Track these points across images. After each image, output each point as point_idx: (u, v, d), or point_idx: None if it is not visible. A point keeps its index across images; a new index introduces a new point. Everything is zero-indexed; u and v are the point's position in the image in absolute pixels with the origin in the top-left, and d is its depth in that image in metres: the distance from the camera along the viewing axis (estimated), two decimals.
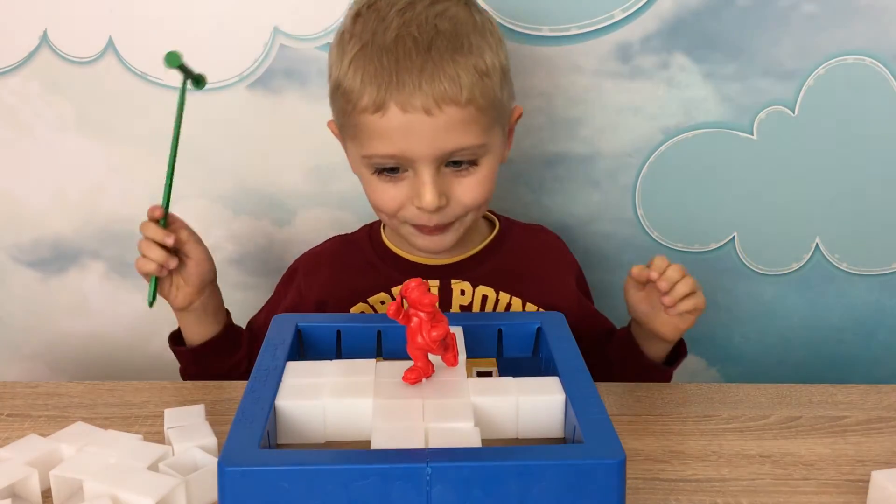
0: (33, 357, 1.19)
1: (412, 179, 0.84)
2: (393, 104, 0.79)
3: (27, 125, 1.09)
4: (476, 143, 0.82)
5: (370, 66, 0.80)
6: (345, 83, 0.82)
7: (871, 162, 1.12)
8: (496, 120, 0.85)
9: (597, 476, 0.53)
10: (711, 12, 1.05)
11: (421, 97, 0.79)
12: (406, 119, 0.80)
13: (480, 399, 0.62)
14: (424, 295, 0.62)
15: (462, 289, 0.93)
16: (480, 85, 0.81)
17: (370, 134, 0.82)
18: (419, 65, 0.79)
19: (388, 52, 0.80)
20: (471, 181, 0.85)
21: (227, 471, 0.52)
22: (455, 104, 0.80)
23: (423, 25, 0.81)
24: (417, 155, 0.81)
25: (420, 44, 0.80)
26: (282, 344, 0.70)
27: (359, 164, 0.87)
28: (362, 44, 0.81)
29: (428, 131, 0.80)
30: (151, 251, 0.87)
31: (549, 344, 0.70)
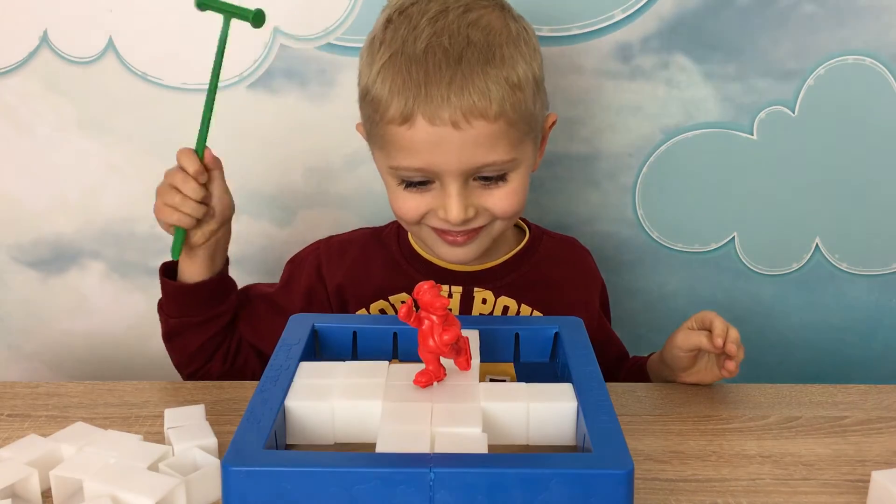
0: (33, 357, 1.19)
1: (439, 191, 0.82)
2: (420, 116, 0.78)
3: (27, 125, 1.09)
4: (505, 159, 0.80)
5: (399, 76, 0.78)
6: (373, 91, 0.81)
7: (871, 162, 1.12)
8: (527, 133, 0.83)
9: (604, 486, 0.52)
10: (711, 12, 1.05)
11: (449, 110, 0.77)
12: (433, 132, 0.78)
13: (491, 404, 0.62)
14: (436, 298, 0.62)
15: (484, 297, 0.92)
16: (511, 98, 0.79)
17: (397, 146, 0.80)
18: (448, 77, 0.77)
19: (417, 62, 0.78)
20: (500, 193, 0.83)
21: (231, 470, 0.52)
22: (484, 118, 0.78)
23: (454, 35, 0.78)
24: (444, 169, 0.80)
25: (450, 55, 0.77)
26: (297, 343, 0.70)
27: (385, 173, 0.85)
28: (392, 52, 0.79)
29: (455, 145, 0.78)
30: (188, 206, 0.84)
31: (565, 350, 0.70)
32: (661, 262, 1.16)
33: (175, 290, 0.90)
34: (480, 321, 0.79)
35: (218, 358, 0.93)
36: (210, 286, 0.90)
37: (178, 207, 0.84)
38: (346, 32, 1.05)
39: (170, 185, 0.85)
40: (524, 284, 0.93)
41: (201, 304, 0.91)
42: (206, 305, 0.91)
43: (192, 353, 0.92)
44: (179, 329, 0.92)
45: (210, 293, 0.91)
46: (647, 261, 1.16)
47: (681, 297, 1.17)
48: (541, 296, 0.92)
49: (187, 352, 0.93)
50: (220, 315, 0.92)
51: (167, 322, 0.92)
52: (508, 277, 0.93)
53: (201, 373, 0.94)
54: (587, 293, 0.98)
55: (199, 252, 0.89)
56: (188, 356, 0.93)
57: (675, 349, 0.85)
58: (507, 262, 0.94)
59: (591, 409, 0.60)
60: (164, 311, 0.92)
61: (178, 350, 0.93)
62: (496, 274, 0.93)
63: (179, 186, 0.84)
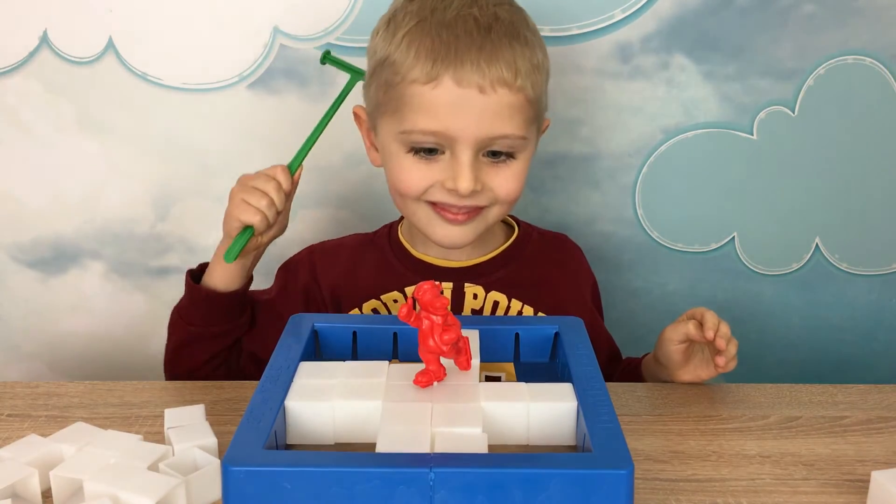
0: (33, 357, 1.19)
1: (447, 162, 0.82)
2: (448, 77, 0.79)
3: (27, 125, 1.09)
4: (519, 134, 0.82)
5: (426, 39, 0.80)
6: (395, 55, 0.81)
7: (871, 162, 1.12)
8: (536, 118, 0.85)
9: (604, 486, 0.52)
10: (711, 12, 1.05)
11: (478, 74, 0.78)
12: (459, 94, 0.79)
13: (491, 404, 0.62)
14: (437, 298, 0.62)
15: (475, 292, 0.92)
16: (533, 76, 0.81)
17: (416, 107, 0.81)
18: (479, 43, 0.79)
19: (447, 27, 0.80)
20: (507, 173, 0.84)
21: (231, 470, 0.52)
22: (508, 88, 0.79)
23: (483, 9, 0.81)
24: (461, 134, 0.80)
25: (481, 24, 0.80)
26: (297, 343, 0.70)
27: (391, 141, 0.84)
28: (419, 19, 0.81)
29: (477, 110, 0.79)
30: (270, 208, 0.85)
31: (565, 350, 0.70)
32: (661, 262, 1.16)
33: (203, 296, 0.89)
34: (480, 321, 0.79)
35: (221, 371, 0.93)
36: (235, 298, 0.90)
37: (263, 209, 0.85)
38: (346, 32, 1.05)
39: (254, 187, 0.86)
40: (515, 279, 0.93)
41: (223, 315, 0.91)
42: (228, 317, 0.91)
43: (200, 365, 0.91)
44: (196, 338, 0.91)
45: (234, 305, 0.91)
46: (647, 261, 1.16)
47: (681, 297, 1.17)
48: (531, 291, 0.93)
49: (196, 362, 0.91)
50: (236, 329, 0.92)
51: (185, 329, 0.91)
52: (499, 272, 0.93)
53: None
54: (578, 289, 0.98)
55: (240, 263, 0.89)
56: (195, 367, 0.91)
57: (666, 342, 0.86)
58: (497, 257, 0.94)
59: (591, 409, 0.60)
60: (185, 318, 0.91)
61: (186, 359, 0.92)
62: (487, 269, 0.93)
63: (271, 193, 0.86)
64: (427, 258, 0.93)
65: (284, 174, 0.87)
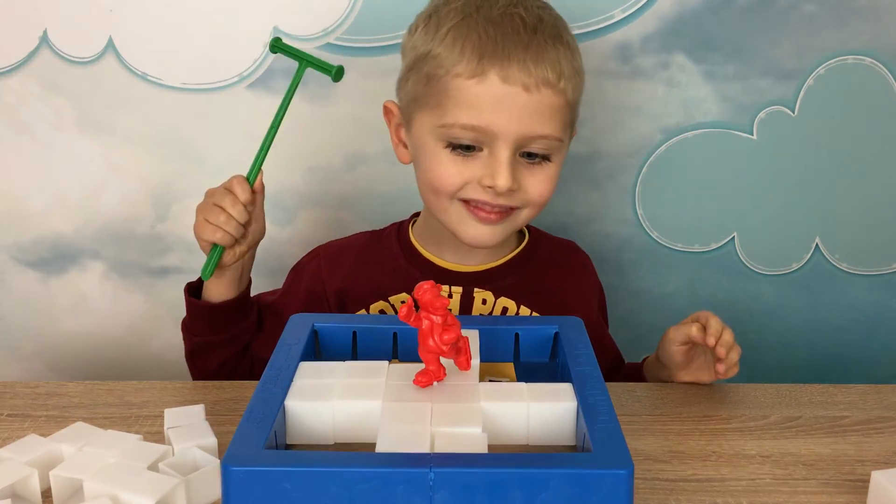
0: (33, 357, 1.19)
1: (485, 159, 0.82)
2: (494, 73, 0.79)
3: (27, 125, 1.09)
4: (556, 135, 0.82)
5: (473, 34, 0.80)
6: (438, 49, 0.81)
7: (871, 162, 1.12)
8: (572, 123, 0.86)
9: (603, 486, 0.52)
10: (711, 12, 1.05)
11: (524, 73, 0.78)
12: (503, 91, 0.79)
13: (491, 404, 0.62)
14: (437, 298, 0.62)
15: (484, 298, 0.92)
16: (574, 80, 0.82)
17: (459, 101, 0.80)
18: (525, 41, 0.79)
19: (494, 24, 0.80)
20: (541, 175, 0.84)
21: (231, 470, 0.52)
22: (552, 89, 0.80)
23: (528, 10, 0.82)
24: (502, 131, 0.80)
25: (527, 24, 0.80)
26: (296, 343, 0.70)
27: (428, 135, 0.83)
28: (464, 15, 0.81)
29: (520, 108, 0.79)
30: (231, 225, 0.85)
31: (565, 350, 0.70)
32: (661, 262, 1.16)
33: (200, 309, 0.91)
34: (480, 321, 0.79)
35: (236, 376, 0.93)
36: (233, 306, 0.91)
37: (222, 226, 0.85)
38: (346, 32, 1.05)
39: (214, 204, 0.86)
40: (524, 286, 0.93)
41: (224, 324, 0.92)
42: (229, 324, 0.92)
43: (213, 371, 0.93)
44: (202, 348, 0.92)
45: (233, 312, 0.91)
46: (647, 261, 1.16)
47: (681, 297, 1.17)
48: (540, 298, 0.92)
49: (208, 370, 0.93)
50: (242, 334, 0.93)
51: (191, 340, 0.93)
52: (509, 279, 0.93)
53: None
54: (586, 297, 0.98)
55: (227, 273, 0.89)
56: (208, 374, 0.93)
57: (668, 342, 0.86)
58: (507, 263, 0.94)
59: (591, 409, 0.60)
60: (189, 329, 0.93)
61: (199, 368, 0.94)
62: (496, 275, 0.93)
63: (227, 208, 0.85)
64: (438, 261, 0.93)
65: (241, 185, 0.86)
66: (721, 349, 0.82)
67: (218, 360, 0.93)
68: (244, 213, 0.86)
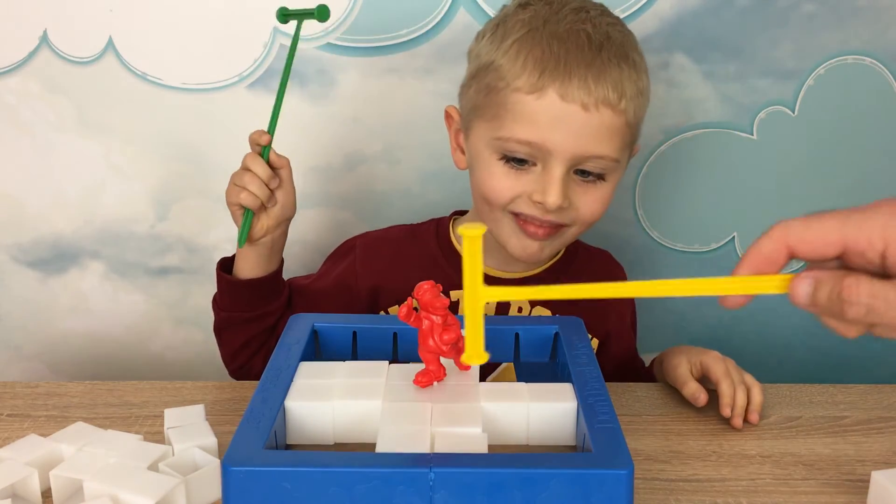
0: (33, 357, 1.19)
1: (538, 175, 0.81)
2: (553, 90, 0.78)
3: (27, 125, 1.09)
4: (613, 156, 0.81)
5: (536, 49, 0.79)
6: (501, 61, 0.81)
7: (871, 162, 1.12)
8: (630, 144, 0.85)
9: (604, 486, 0.52)
10: (711, 12, 1.05)
11: (584, 91, 0.78)
12: (562, 108, 0.78)
13: (491, 405, 0.62)
14: (437, 298, 0.62)
15: (520, 307, 0.92)
16: (636, 101, 0.81)
17: (517, 115, 0.80)
18: (588, 59, 0.78)
19: (559, 40, 0.79)
20: (595, 195, 0.83)
21: (231, 470, 0.52)
22: (612, 109, 0.79)
23: (597, 27, 0.81)
24: (558, 148, 0.79)
25: (593, 41, 0.79)
26: (296, 343, 0.70)
27: (484, 146, 0.83)
28: (530, 28, 0.80)
29: (577, 127, 0.79)
30: (257, 186, 0.85)
31: (565, 350, 0.70)
32: (661, 262, 1.16)
33: (229, 284, 0.91)
34: None
35: (261, 356, 0.94)
36: (262, 284, 0.91)
37: (246, 185, 0.86)
38: (346, 32, 1.05)
39: (243, 168, 0.87)
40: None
41: (252, 301, 0.92)
42: (257, 303, 0.92)
43: (237, 348, 0.93)
44: (228, 323, 0.93)
45: (262, 291, 0.92)
46: (647, 261, 1.16)
47: (681, 297, 1.17)
48: (576, 308, 0.92)
49: (233, 346, 0.94)
50: (268, 314, 0.93)
51: (218, 314, 0.94)
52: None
53: (245, 368, 0.95)
54: (621, 308, 0.98)
55: (257, 248, 0.90)
56: (233, 351, 0.94)
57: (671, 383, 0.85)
58: (545, 271, 0.94)
59: (591, 409, 0.60)
60: (217, 304, 0.94)
61: (225, 344, 0.95)
62: (534, 283, 0.92)
63: (249, 165, 0.86)
64: None
65: (257, 164, 0.86)
66: (738, 419, 0.78)
67: (243, 337, 0.93)
68: (267, 169, 0.86)
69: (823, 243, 0.50)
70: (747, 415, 0.78)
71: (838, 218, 0.49)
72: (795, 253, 0.51)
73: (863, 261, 0.49)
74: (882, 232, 0.47)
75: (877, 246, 0.48)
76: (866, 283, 0.48)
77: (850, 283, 0.48)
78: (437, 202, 1.11)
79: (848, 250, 0.49)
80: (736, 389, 0.79)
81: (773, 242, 0.51)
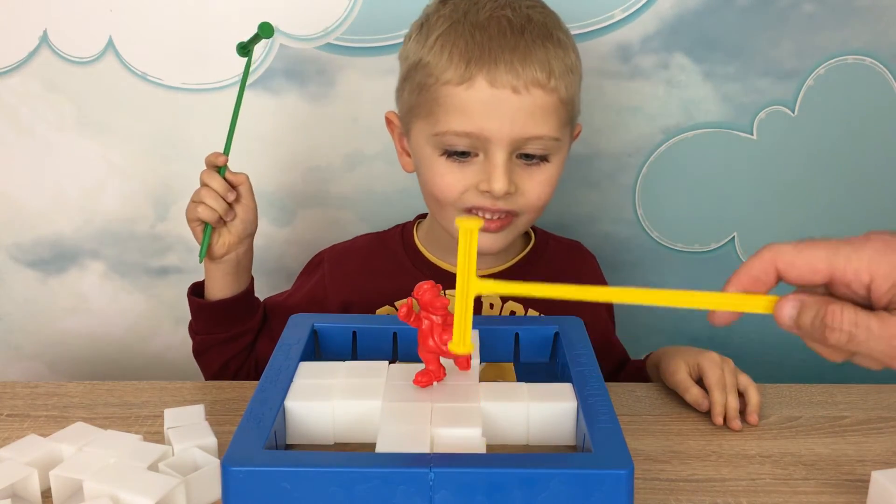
0: (33, 357, 1.19)
1: (482, 164, 0.82)
2: (481, 78, 0.78)
3: (27, 125, 1.09)
4: (552, 136, 0.81)
5: (460, 40, 0.80)
6: (428, 58, 0.81)
7: (871, 162, 1.12)
8: (569, 122, 0.85)
9: (604, 486, 0.52)
10: (711, 12, 1.05)
11: (511, 75, 0.78)
12: (492, 94, 0.79)
13: (491, 405, 0.62)
14: (436, 298, 0.62)
15: (491, 302, 0.92)
16: (566, 78, 0.81)
17: (449, 108, 0.80)
18: (512, 44, 0.79)
19: (480, 28, 0.80)
20: (539, 177, 0.83)
21: (230, 470, 0.52)
22: (542, 89, 0.79)
23: (516, 11, 0.81)
24: (495, 135, 0.79)
25: (514, 25, 0.80)
26: (296, 344, 0.70)
27: (425, 145, 0.84)
28: (452, 21, 0.81)
29: (511, 111, 0.79)
30: (213, 199, 0.87)
31: (565, 350, 0.70)
32: (661, 262, 1.16)
33: (199, 307, 0.92)
34: (480, 321, 0.79)
35: (241, 377, 0.94)
36: (233, 304, 0.92)
37: (203, 199, 0.87)
38: (345, 32, 1.05)
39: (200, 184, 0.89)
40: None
41: (225, 322, 0.92)
42: (230, 323, 0.93)
43: (216, 371, 0.94)
44: (205, 346, 0.94)
45: (234, 311, 0.92)
46: (647, 261, 1.16)
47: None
48: (548, 301, 0.92)
49: (212, 369, 0.95)
50: (243, 333, 0.93)
51: (194, 339, 0.95)
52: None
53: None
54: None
55: (221, 266, 0.90)
56: (213, 374, 0.95)
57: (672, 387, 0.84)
58: (514, 266, 0.94)
59: (591, 409, 0.60)
60: (192, 328, 0.95)
61: (205, 367, 0.96)
62: (503, 279, 0.92)
63: (205, 180, 0.88)
64: (444, 265, 0.93)
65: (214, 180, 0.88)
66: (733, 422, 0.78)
67: (221, 359, 0.93)
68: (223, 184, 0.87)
69: (811, 270, 0.51)
70: (746, 416, 0.79)
71: (828, 248, 0.51)
72: (784, 276, 0.52)
73: (849, 291, 0.50)
74: (869, 265, 0.49)
75: (863, 279, 0.49)
76: (850, 312, 0.49)
77: (833, 310, 0.50)
78: None
79: (835, 280, 0.50)
80: (728, 395, 0.79)
81: (762, 263, 0.52)
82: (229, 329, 0.92)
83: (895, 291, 0.48)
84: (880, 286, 0.49)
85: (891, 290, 0.49)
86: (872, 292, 0.49)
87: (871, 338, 0.49)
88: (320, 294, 0.94)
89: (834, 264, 0.50)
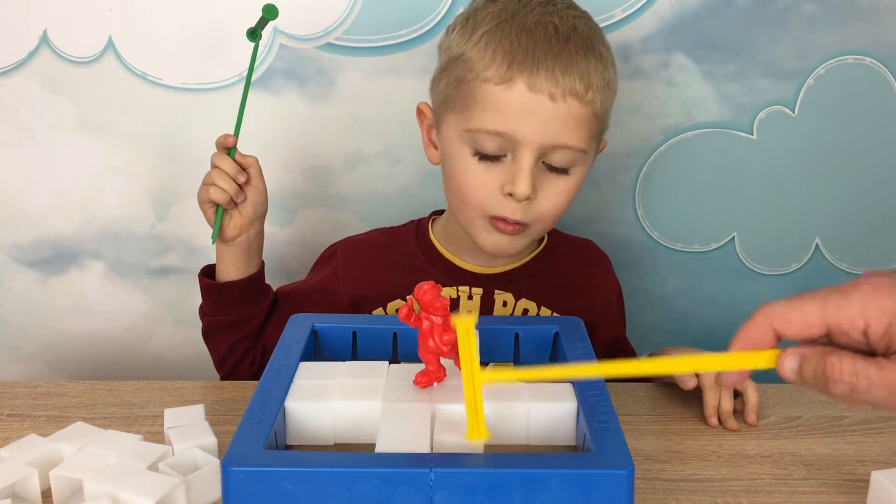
0: (33, 357, 1.19)
1: (508, 166, 0.82)
2: (521, 81, 0.79)
3: (27, 125, 1.09)
4: (580, 147, 0.82)
5: (505, 41, 0.80)
6: (471, 53, 0.82)
7: (871, 162, 1.12)
8: (597, 136, 0.85)
9: (604, 486, 0.52)
10: (711, 12, 1.05)
11: (551, 82, 0.79)
12: (529, 98, 0.79)
13: (491, 405, 0.62)
14: (437, 298, 0.62)
15: (504, 300, 0.92)
16: (603, 92, 0.82)
17: (486, 106, 0.81)
18: (556, 51, 0.79)
19: (527, 32, 0.80)
20: (559, 186, 0.84)
21: (231, 470, 0.52)
22: (578, 99, 0.80)
23: (563, 20, 0.82)
24: (526, 138, 0.80)
25: (560, 33, 0.80)
26: (296, 344, 0.70)
27: (455, 139, 0.84)
28: (499, 21, 0.82)
29: (545, 117, 0.79)
30: (224, 181, 0.87)
31: (565, 349, 0.70)
32: (661, 262, 1.16)
33: (209, 288, 0.93)
34: (481, 321, 0.78)
35: (247, 362, 0.95)
36: (242, 286, 0.92)
37: (214, 181, 0.88)
38: (345, 32, 1.05)
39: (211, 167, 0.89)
40: (545, 287, 0.93)
41: (234, 305, 0.93)
42: (239, 306, 0.93)
43: (223, 354, 0.95)
44: (213, 327, 0.94)
45: (243, 294, 0.93)
46: (647, 261, 1.16)
47: (681, 297, 1.17)
48: (561, 299, 0.93)
49: (219, 352, 0.95)
50: (251, 317, 0.94)
51: (203, 319, 0.95)
52: (529, 280, 0.93)
53: (234, 375, 0.96)
54: (606, 297, 0.98)
55: (234, 249, 0.91)
56: (220, 357, 0.96)
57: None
58: (527, 264, 0.94)
59: (591, 409, 0.60)
60: (202, 310, 0.95)
61: (213, 349, 0.97)
62: (517, 276, 0.93)
63: (216, 162, 0.88)
64: (459, 262, 0.93)
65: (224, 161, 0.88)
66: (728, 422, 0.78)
67: (227, 342, 0.94)
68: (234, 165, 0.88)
69: (806, 325, 0.51)
70: (744, 416, 0.79)
71: (818, 301, 0.50)
72: (782, 335, 0.52)
73: (849, 339, 0.50)
74: (861, 312, 0.49)
75: (858, 325, 0.49)
76: (849, 362, 0.49)
77: (832, 362, 0.50)
78: (437, 202, 1.10)
79: (832, 330, 0.50)
80: (722, 396, 0.79)
81: (758, 326, 0.53)
82: (238, 311, 0.93)
83: (890, 335, 0.48)
84: (875, 331, 0.49)
85: (885, 334, 0.48)
86: (869, 338, 0.49)
87: (871, 386, 0.49)
88: (332, 285, 0.95)
89: (827, 316, 0.50)
